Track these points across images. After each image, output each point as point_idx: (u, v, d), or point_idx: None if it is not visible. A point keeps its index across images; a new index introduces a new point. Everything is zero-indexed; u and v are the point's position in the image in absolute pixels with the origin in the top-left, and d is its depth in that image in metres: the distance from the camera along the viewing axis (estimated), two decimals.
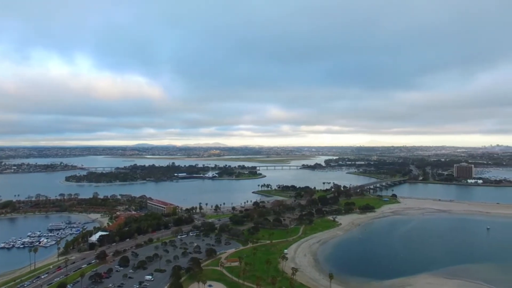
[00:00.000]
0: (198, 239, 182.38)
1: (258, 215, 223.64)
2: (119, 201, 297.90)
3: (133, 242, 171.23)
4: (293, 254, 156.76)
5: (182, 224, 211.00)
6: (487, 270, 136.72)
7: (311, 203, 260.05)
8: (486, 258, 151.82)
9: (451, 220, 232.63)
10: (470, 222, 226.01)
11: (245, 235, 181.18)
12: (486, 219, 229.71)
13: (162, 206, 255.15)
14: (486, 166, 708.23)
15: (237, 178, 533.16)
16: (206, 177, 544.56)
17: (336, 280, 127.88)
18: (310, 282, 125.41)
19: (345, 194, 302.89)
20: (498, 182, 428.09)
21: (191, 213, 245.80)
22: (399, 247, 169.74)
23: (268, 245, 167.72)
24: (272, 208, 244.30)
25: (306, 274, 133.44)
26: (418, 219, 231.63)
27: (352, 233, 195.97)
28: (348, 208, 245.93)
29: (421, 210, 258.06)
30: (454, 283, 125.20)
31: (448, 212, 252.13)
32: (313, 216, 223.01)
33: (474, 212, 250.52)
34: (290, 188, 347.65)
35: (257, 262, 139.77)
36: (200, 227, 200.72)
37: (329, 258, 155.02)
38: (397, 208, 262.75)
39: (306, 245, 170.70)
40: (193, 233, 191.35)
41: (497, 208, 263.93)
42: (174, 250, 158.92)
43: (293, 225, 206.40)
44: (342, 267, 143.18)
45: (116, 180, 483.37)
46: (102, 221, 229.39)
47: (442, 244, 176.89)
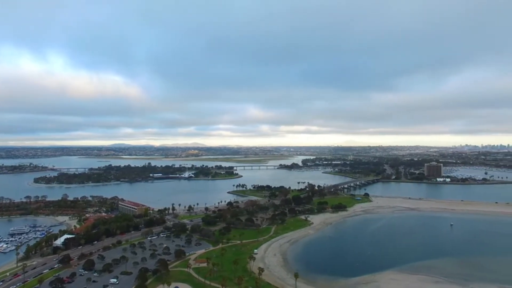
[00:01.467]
0: (168, 240, 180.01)
1: (231, 215, 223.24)
2: (89, 203, 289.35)
3: (101, 245, 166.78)
4: (263, 254, 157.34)
5: (153, 226, 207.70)
6: (446, 265, 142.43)
7: (285, 203, 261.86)
8: (447, 253, 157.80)
9: (418, 217, 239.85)
10: (436, 219, 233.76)
11: (216, 236, 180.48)
12: (451, 215, 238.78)
13: (133, 207, 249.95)
14: (455, 165, 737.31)
15: (213, 178, 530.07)
16: (182, 178, 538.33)
17: (303, 279, 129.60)
18: (278, 281, 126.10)
19: (319, 194, 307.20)
20: (464, 180, 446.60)
21: (163, 214, 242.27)
22: (367, 245, 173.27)
23: (238, 245, 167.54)
24: (246, 208, 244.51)
25: (274, 274, 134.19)
26: (388, 217, 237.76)
27: (323, 232, 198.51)
28: (321, 208, 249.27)
29: (391, 208, 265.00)
30: (416, 278, 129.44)
31: (417, 210, 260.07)
32: (285, 215, 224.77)
33: (440, 210, 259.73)
34: (265, 188, 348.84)
35: (225, 262, 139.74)
36: (171, 228, 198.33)
37: (299, 257, 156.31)
38: (368, 207, 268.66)
39: (277, 245, 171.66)
40: (164, 234, 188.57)
41: (461, 205, 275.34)
42: (143, 252, 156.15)
43: (265, 225, 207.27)
44: (311, 266, 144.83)
45: (88, 181, 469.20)
46: (70, 223, 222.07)
47: (408, 241, 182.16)
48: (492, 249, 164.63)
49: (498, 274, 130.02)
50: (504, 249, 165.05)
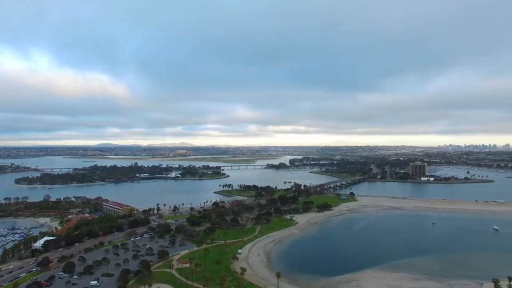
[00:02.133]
0: (152, 241, 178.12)
1: (216, 215, 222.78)
2: (73, 204, 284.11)
3: (82, 247, 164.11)
4: (246, 254, 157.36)
5: (137, 226, 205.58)
6: (426, 262, 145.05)
7: (270, 203, 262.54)
8: (428, 251, 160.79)
9: (402, 216, 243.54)
10: (418, 217, 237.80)
11: (200, 236, 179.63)
12: (433, 214, 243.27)
13: (117, 208, 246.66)
14: (439, 164, 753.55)
15: (200, 178, 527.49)
16: (168, 178, 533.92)
17: (286, 278, 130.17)
18: (261, 281, 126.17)
19: (305, 193, 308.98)
20: (447, 180, 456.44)
21: (147, 214, 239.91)
22: (351, 244, 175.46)
23: (222, 246, 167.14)
24: (231, 208, 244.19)
25: (257, 274, 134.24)
26: (372, 216, 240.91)
27: (308, 232, 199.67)
28: (306, 207, 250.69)
29: (375, 207, 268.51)
30: (396, 276, 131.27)
31: (400, 209, 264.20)
32: (271, 215, 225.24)
33: (423, 208, 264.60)
34: (251, 188, 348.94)
35: (209, 263, 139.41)
36: (156, 229, 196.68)
37: (283, 257, 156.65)
38: (353, 206, 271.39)
39: (261, 245, 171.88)
40: (148, 235, 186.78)
41: (443, 203, 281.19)
42: (125, 253, 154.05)
43: (250, 224, 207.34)
44: (294, 265, 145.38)
45: (73, 181, 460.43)
46: (51, 225, 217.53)
47: (391, 239, 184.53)
48: (470, 246, 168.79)
49: (474, 270, 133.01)
50: (480, 246, 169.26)
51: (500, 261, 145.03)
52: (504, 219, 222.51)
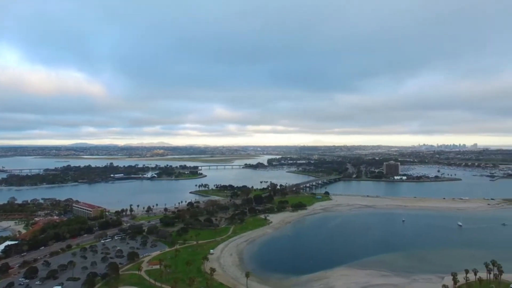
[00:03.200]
0: (122, 242, 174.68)
1: (190, 215, 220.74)
2: (41, 206, 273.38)
3: (48, 251, 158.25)
4: (219, 254, 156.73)
5: (108, 228, 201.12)
6: (394, 259, 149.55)
7: (246, 202, 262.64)
8: (396, 248, 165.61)
9: (374, 214, 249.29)
10: (389, 215, 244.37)
11: (173, 237, 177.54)
12: (403, 212, 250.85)
13: (88, 209, 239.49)
14: (412, 163, 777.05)
15: (177, 178, 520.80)
16: (144, 178, 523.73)
17: (257, 278, 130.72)
18: (231, 281, 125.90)
19: (280, 193, 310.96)
20: (419, 178, 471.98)
21: (120, 215, 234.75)
22: (323, 243, 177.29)
23: (194, 246, 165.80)
24: (206, 208, 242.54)
25: (228, 274, 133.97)
26: (345, 215, 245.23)
27: (282, 231, 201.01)
28: (281, 206, 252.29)
29: (349, 206, 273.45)
30: (364, 273, 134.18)
31: (373, 207, 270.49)
32: (245, 215, 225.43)
33: (394, 206, 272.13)
34: (227, 188, 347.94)
35: (180, 264, 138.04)
36: (127, 230, 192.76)
37: (255, 256, 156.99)
38: (328, 205, 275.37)
39: (234, 245, 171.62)
40: (118, 237, 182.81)
41: (413, 201, 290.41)
42: (94, 256, 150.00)
43: (224, 224, 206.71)
44: (266, 264, 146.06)
45: (42, 182, 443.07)
46: (15, 229, 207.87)
47: (362, 237, 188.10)
48: (435, 242, 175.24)
49: (437, 265, 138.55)
50: (445, 241, 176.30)
51: (461, 255, 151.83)
52: (467, 216, 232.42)
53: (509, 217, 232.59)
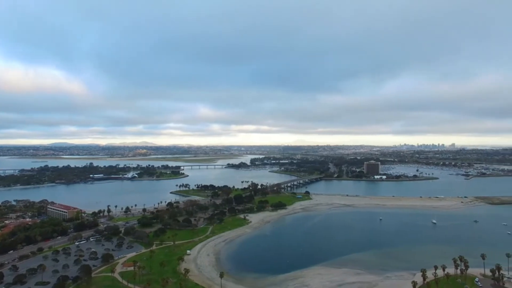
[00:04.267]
0: (98, 244, 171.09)
1: (169, 216, 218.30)
2: (13, 208, 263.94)
3: (17, 254, 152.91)
4: (196, 254, 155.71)
5: (84, 229, 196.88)
6: (369, 257, 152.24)
7: (226, 202, 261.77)
8: (372, 246, 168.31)
9: (352, 213, 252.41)
10: (368, 214, 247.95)
11: (150, 237, 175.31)
12: (381, 210, 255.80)
13: (64, 210, 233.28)
14: (392, 163, 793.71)
15: (158, 178, 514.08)
16: (125, 178, 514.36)
17: (232, 278, 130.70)
18: (206, 281, 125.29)
19: (261, 193, 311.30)
20: (398, 177, 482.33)
21: (97, 216, 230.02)
22: (301, 242, 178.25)
23: (171, 247, 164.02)
24: (185, 208, 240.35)
25: (204, 274, 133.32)
26: (324, 214, 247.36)
27: (261, 231, 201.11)
28: (261, 206, 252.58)
29: (328, 205, 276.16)
30: (340, 271, 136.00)
31: (352, 206, 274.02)
32: (224, 215, 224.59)
33: (373, 205, 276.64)
34: (208, 188, 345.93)
35: (155, 265, 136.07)
36: (103, 231, 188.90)
37: (232, 256, 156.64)
38: (308, 205, 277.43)
39: (212, 245, 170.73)
40: (94, 238, 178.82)
41: (391, 200, 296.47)
42: (66, 259, 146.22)
43: (203, 224, 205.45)
44: (243, 264, 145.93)
45: (16, 183, 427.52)
46: None
47: (339, 236, 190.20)
48: (410, 240, 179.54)
49: (410, 262, 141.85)
50: (419, 239, 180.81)
51: (433, 252, 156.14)
52: (442, 213, 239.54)
53: (481, 214, 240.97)
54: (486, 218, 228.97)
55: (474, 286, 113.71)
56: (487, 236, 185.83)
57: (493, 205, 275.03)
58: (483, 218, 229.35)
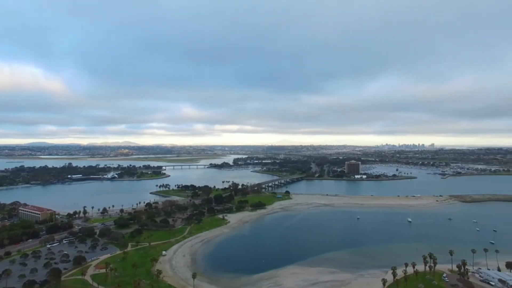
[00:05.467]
0: (71, 246, 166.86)
1: (147, 216, 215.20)
2: None
3: None
4: (171, 255, 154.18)
5: (58, 231, 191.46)
6: (344, 256, 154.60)
7: (205, 202, 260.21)
8: (348, 245, 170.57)
9: (331, 212, 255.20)
10: (346, 213, 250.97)
11: (125, 239, 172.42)
12: (359, 210, 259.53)
13: (37, 212, 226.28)
14: (373, 162, 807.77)
15: (139, 178, 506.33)
16: (104, 178, 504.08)
17: (207, 278, 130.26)
18: (180, 282, 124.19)
19: (241, 192, 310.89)
20: (378, 177, 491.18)
21: (72, 218, 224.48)
22: (278, 242, 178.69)
23: (147, 248, 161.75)
24: (163, 208, 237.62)
25: (178, 275, 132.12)
26: (303, 214, 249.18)
27: (239, 231, 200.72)
28: (240, 206, 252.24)
29: (308, 205, 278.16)
30: (314, 270, 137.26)
31: (331, 206, 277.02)
32: (203, 215, 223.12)
33: (351, 205, 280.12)
34: (189, 188, 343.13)
35: (129, 266, 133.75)
36: (78, 233, 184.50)
37: (208, 257, 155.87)
38: (287, 204, 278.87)
39: (188, 245, 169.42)
40: (67, 240, 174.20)
41: (370, 199, 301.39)
42: (35, 263, 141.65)
43: (181, 225, 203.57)
44: (218, 264, 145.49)
45: None
46: None
47: (316, 235, 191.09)
48: (385, 238, 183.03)
49: (384, 260, 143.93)
50: (394, 237, 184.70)
51: (407, 249, 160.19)
52: (417, 212, 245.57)
53: (454, 212, 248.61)
54: (458, 216, 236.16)
55: (441, 282, 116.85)
56: (458, 233, 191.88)
57: (465, 203, 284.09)
58: (456, 216, 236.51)
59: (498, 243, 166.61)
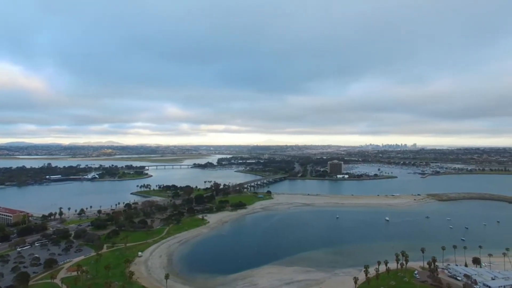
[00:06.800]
0: (43, 249, 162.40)
1: (125, 217, 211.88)
2: None
3: None
4: (148, 256, 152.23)
5: (30, 234, 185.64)
6: (320, 255, 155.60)
7: (186, 203, 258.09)
8: (326, 244, 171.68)
9: (311, 212, 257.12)
10: (325, 213, 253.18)
11: (102, 240, 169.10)
12: (339, 209, 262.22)
13: (8, 214, 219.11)
14: (356, 162, 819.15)
15: (120, 178, 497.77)
16: (84, 179, 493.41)
17: (182, 279, 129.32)
18: (154, 283, 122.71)
19: (223, 192, 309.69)
20: (359, 176, 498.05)
21: (47, 220, 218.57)
22: (257, 241, 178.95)
23: (123, 249, 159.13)
24: (143, 209, 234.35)
25: (153, 276, 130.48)
26: (283, 213, 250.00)
27: (218, 231, 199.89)
28: (221, 206, 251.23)
29: (289, 204, 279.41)
30: (290, 270, 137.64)
31: (311, 205, 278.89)
32: (183, 215, 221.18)
33: (331, 204, 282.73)
34: (170, 188, 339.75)
35: (103, 268, 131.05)
36: (51, 235, 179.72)
37: (185, 257, 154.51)
38: (268, 204, 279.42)
39: (165, 246, 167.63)
40: (39, 243, 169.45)
41: (350, 199, 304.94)
42: (3, 267, 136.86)
43: (160, 225, 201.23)
44: (195, 265, 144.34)
45: None
46: None
47: (295, 235, 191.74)
48: (362, 237, 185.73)
49: (359, 259, 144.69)
50: (371, 236, 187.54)
51: (383, 248, 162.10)
52: (395, 211, 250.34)
53: (431, 210, 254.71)
54: (434, 214, 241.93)
55: (412, 279, 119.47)
56: (432, 231, 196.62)
57: (441, 202, 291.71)
58: (432, 214, 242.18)
59: (469, 239, 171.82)
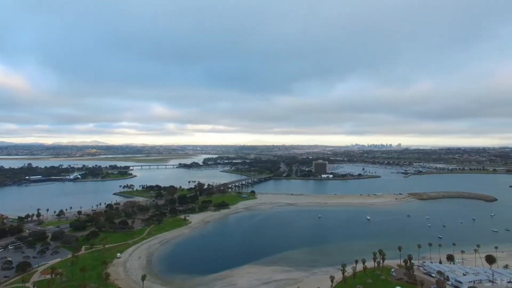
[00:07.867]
0: (17, 252, 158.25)
1: (106, 218, 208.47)
2: None
3: None
4: (126, 257, 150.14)
5: (4, 236, 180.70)
6: (300, 254, 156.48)
7: (169, 203, 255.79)
8: (306, 244, 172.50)
9: (294, 211, 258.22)
10: (308, 212, 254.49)
11: (79, 242, 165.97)
12: (322, 209, 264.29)
13: None
14: (342, 162, 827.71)
15: (104, 179, 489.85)
16: (66, 179, 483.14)
17: (160, 280, 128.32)
18: (131, 285, 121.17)
19: (207, 192, 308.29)
20: (344, 176, 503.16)
21: (24, 221, 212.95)
22: (237, 241, 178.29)
23: (102, 250, 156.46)
24: (124, 209, 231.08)
25: (131, 278, 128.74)
26: (266, 213, 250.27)
27: (199, 231, 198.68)
28: (204, 206, 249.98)
29: (272, 204, 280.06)
30: (269, 269, 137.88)
31: (294, 205, 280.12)
32: (164, 215, 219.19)
33: (314, 204, 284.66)
34: (154, 188, 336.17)
35: (79, 271, 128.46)
36: (27, 237, 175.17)
37: (165, 258, 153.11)
38: (251, 204, 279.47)
39: (145, 247, 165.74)
40: (13, 246, 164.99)
41: (333, 198, 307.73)
42: None
43: (141, 226, 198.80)
44: (174, 266, 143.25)
45: None
46: None
47: (277, 234, 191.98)
48: (343, 236, 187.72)
49: (339, 258, 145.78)
50: (352, 235, 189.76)
51: (362, 246, 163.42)
52: (376, 210, 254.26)
53: (413, 209, 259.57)
54: (414, 213, 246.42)
55: (389, 276, 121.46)
56: (411, 229, 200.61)
57: (422, 201, 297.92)
58: (412, 212, 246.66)
59: (445, 237, 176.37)
